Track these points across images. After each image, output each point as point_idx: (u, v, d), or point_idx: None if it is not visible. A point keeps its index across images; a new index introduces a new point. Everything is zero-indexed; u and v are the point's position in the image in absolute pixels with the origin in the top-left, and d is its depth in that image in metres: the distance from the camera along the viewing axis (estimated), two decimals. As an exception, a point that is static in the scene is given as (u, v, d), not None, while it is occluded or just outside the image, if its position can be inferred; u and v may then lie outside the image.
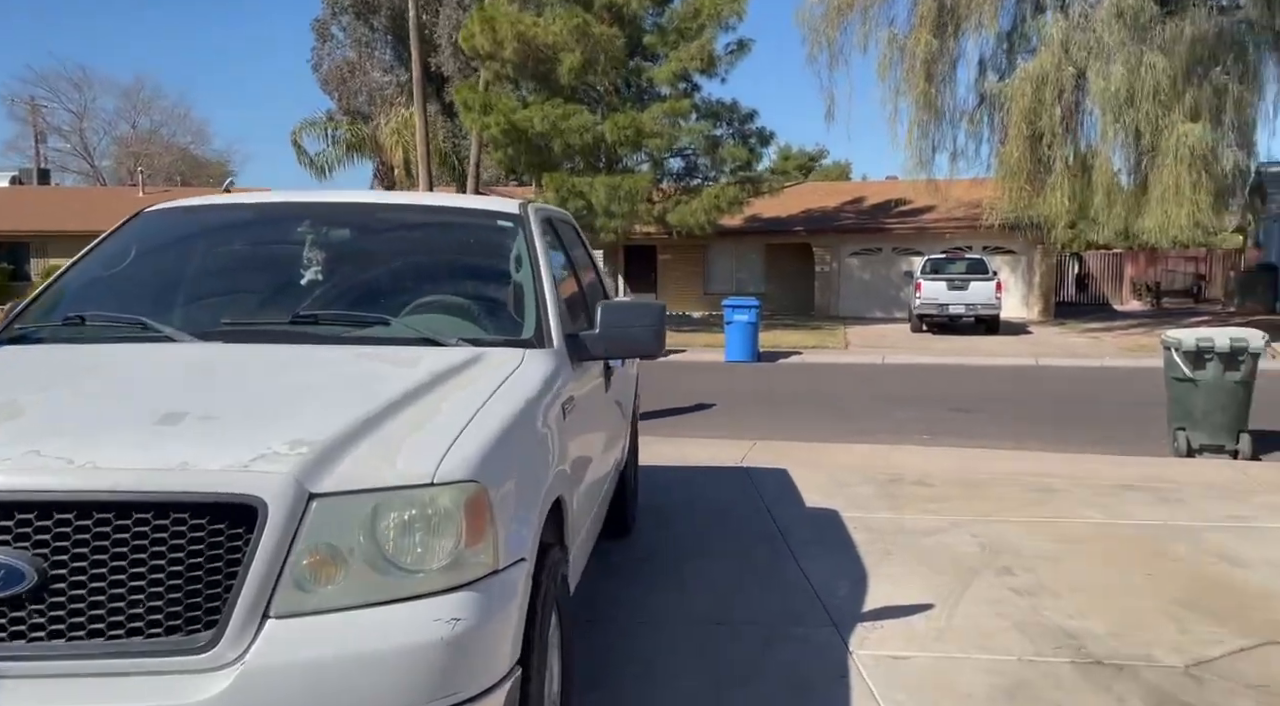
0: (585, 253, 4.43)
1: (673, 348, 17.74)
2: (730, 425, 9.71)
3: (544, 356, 2.73)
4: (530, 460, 2.24)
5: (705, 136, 20.32)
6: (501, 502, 1.97)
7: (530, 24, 18.78)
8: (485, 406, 2.15)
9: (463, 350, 2.58)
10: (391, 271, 3.04)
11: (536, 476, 2.26)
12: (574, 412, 2.82)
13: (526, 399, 2.34)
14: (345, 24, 38.75)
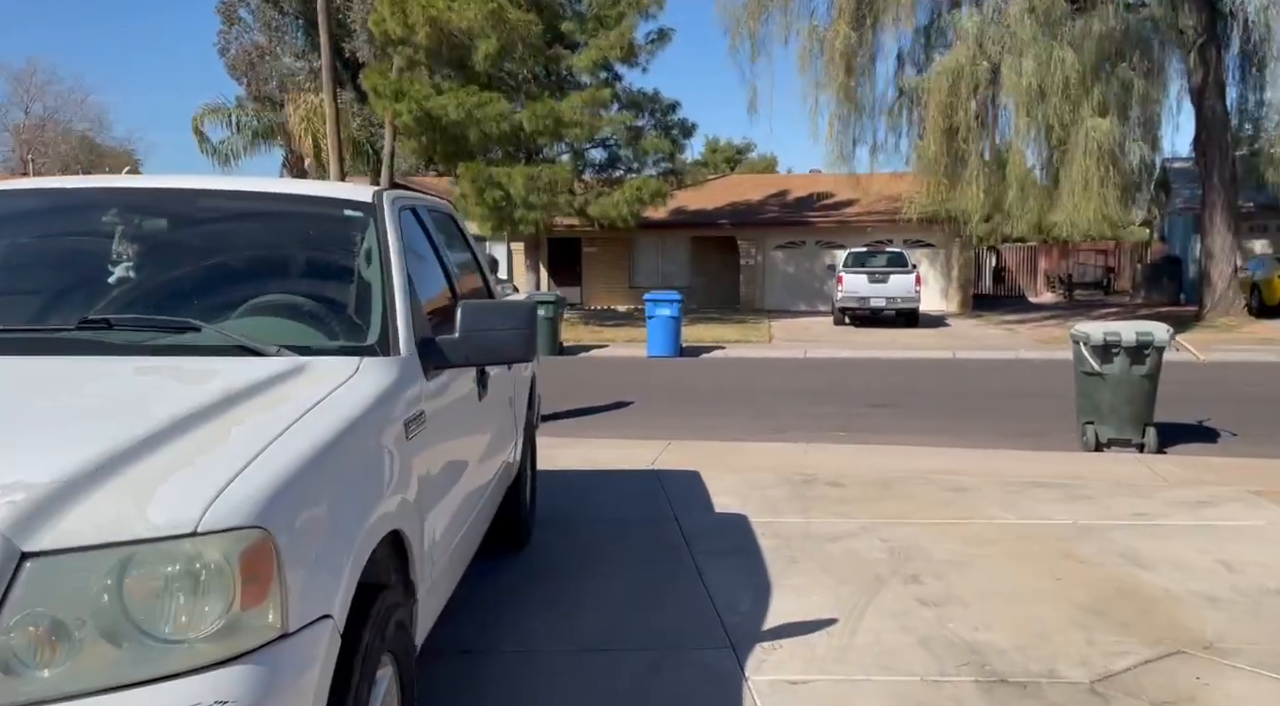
0: (467, 249, 4.09)
1: (594, 343, 17.44)
2: (646, 424, 9.44)
3: (386, 366, 2.39)
4: (347, 492, 1.90)
5: (627, 127, 20.02)
6: (296, 549, 1.63)
7: (443, 8, 18.17)
8: (288, 431, 1.80)
9: (283, 361, 2.23)
10: (212, 268, 2.65)
11: (357, 510, 1.92)
12: (427, 429, 2.48)
13: (349, 418, 2.00)
14: (254, 6, 37.19)
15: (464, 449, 3.07)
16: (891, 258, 21.89)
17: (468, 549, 3.19)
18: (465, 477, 3.09)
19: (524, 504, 4.70)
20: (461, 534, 3.02)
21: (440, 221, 3.80)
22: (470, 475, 3.20)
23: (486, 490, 3.48)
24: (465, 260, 4.00)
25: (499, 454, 3.72)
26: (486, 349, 2.69)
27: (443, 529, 2.69)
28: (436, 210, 3.78)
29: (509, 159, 19.30)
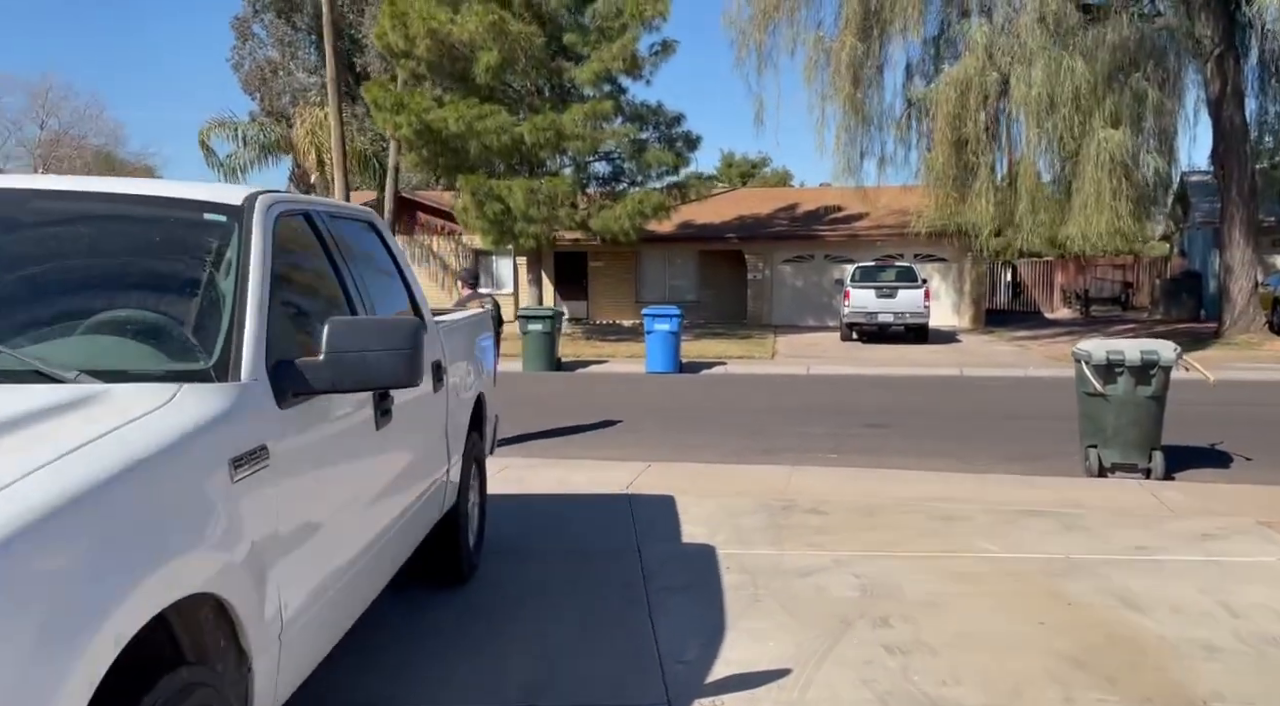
0: (391, 262, 3.75)
1: (594, 358, 17.11)
2: (631, 444, 9.09)
3: (213, 394, 2.06)
4: (107, 554, 1.56)
5: (630, 140, 19.75)
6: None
7: (444, 20, 18.02)
8: (21, 481, 1.47)
9: (72, 390, 1.90)
10: (37, 278, 2.33)
11: (121, 575, 1.58)
12: (276, 467, 2.15)
13: (127, 461, 1.66)
14: (267, 22, 37.57)
15: (348, 485, 2.73)
16: (900, 272, 21.47)
17: (357, 597, 2.84)
18: (352, 518, 2.75)
19: (463, 537, 4.35)
20: (346, 581, 2.67)
21: (355, 231, 3.48)
22: (364, 514, 2.86)
23: (393, 528, 3.14)
24: (387, 274, 3.68)
25: (414, 486, 3.38)
26: (357, 373, 2.36)
27: (309, 581, 2.36)
28: (349, 217, 3.46)
29: (511, 172, 19.07)
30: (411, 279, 3.82)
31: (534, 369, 15.51)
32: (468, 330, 4.67)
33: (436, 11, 18.31)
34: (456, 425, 4.15)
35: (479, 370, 4.82)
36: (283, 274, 2.61)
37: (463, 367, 4.34)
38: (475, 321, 5.02)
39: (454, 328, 4.33)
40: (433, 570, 4.27)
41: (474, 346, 4.75)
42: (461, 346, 4.40)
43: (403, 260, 3.77)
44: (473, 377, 4.60)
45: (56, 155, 42.41)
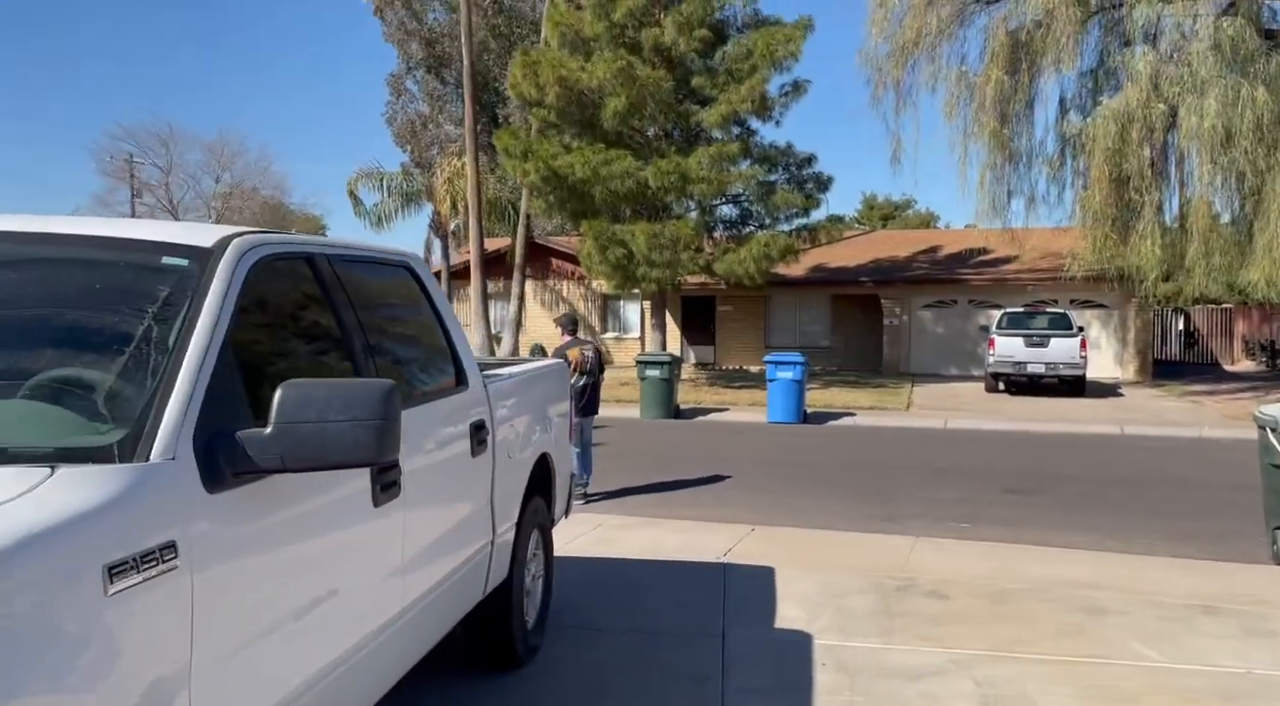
0: (429, 310, 3.37)
1: (714, 406, 16.54)
2: (738, 502, 8.46)
3: (102, 479, 1.68)
4: None
5: (758, 182, 19.26)
6: None
7: (574, 68, 18.18)
8: None
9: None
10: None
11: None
12: (187, 571, 1.74)
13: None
14: (419, 78, 39.45)
15: (326, 577, 2.31)
16: (1053, 319, 19.88)
17: (356, 697, 2.41)
18: (335, 615, 2.33)
19: (516, 617, 3.89)
20: (325, 685, 2.24)
21: (382, 276, 3.13)
22: (353, 608, 2.44)
23: (402, 620, 2.70)
24: (422, 325, 3.30)
25: (437, 567, 2.96)
26: (312, 447, 1.95)
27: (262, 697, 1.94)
28: (375, 261, 3.10)
29: (636, 217, 18.93)
30: (454, 329, 3.43)
31: (651, 416, 15.09)
32: (529, 384, 4.26)
33: (567, 60, 18.53)
34: (508, 491, 3.71)
35: (546, 426, 4.39)
36: (256, 328, 2.24)
37: (519, 426, 3.91)
38: (543, 374, 4.61)
39: (509, 382, 3.92)
40: (482, 654, 3.83)
41: (539, 401, 4.33)
42: (519, 402, 3.98)
43: (445, 308, 3.39)
44: (537, 435, 4.18)
45: (230, 206, 45.85)
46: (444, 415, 3.08)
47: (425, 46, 37.50)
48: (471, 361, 3.48)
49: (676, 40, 18.41)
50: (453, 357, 3.33)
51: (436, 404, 3.02)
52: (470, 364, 3.46)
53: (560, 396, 4.84)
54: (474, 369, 3.46)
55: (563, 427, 4.83)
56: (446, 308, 3.45)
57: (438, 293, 3.44)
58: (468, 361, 3.44)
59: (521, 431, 3.94)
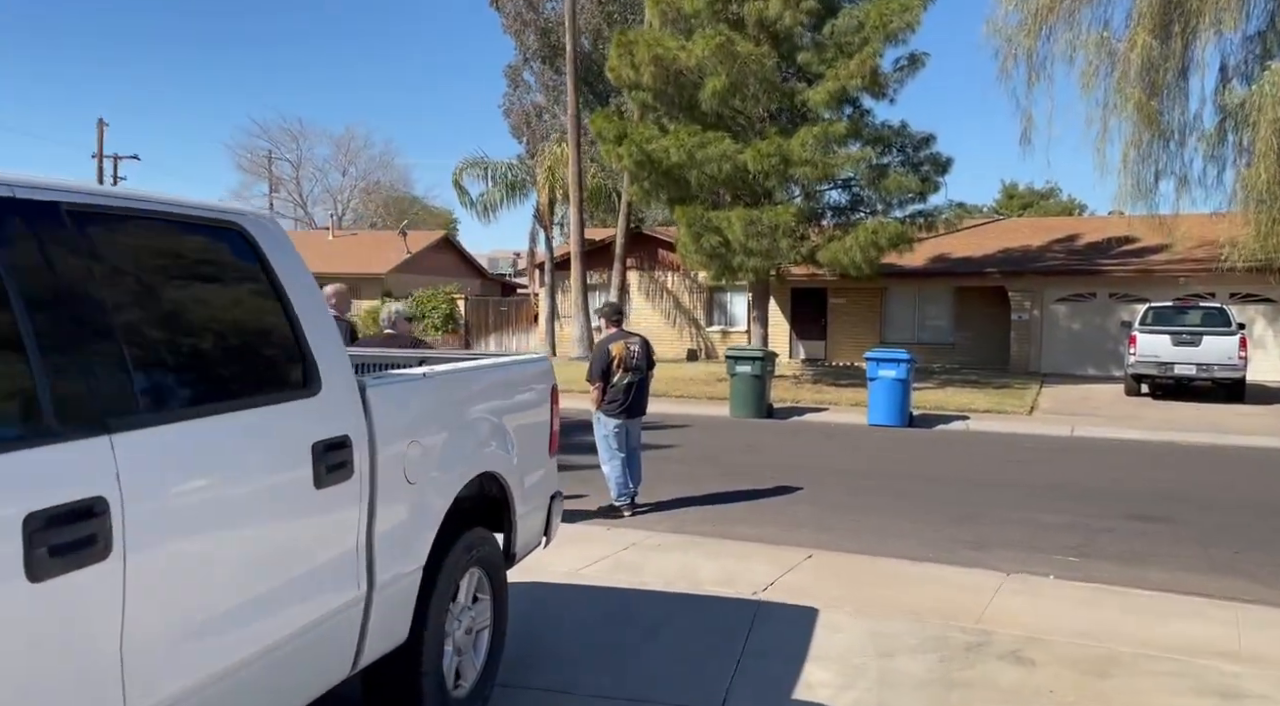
0: (266, 284, 2.57)
1: (812, 406, 15.35)
2: (803, 520, 7.43)
3: None
4: None
5: (868, 164, 17.82)
6: None
7: (670, 46, 17.27)
8: None
9: None
10: None
11: None
12: None
13: None
14: (535, 69, 39.48)
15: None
16: (1207, 314, 17.60)
17: None
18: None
19: (427, 688, 3.09)
20: None
21: (180, 241, 2.35)
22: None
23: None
24: (236, 306, 2.51)
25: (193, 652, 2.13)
26: None
27: None
28: (170, 220, 2.32)
29: (737, 202, 17.88)
30: (309, 315, 2.61)
31: (741, 414, 14.08)
32: (462, 384, 3.43)
33: (664, 39, 17.65)
34: (405, 526, 2.92)
35: (498, 438, 3.56)
36: None
37: (434, 439, 3.10)
38: (499, 371, 3.78)
39: (418, 384, 3.10)
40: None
41: (482, 406, 3.50)
42: (438, 408, 3.16)
43: (297, 288, 2.59)
44: (473, 450, 3.36)
45: (370, 200, 47.30)
46: (250, 430, 2.28)
47: (540, 36, 37.43)
48: (337, 357, 2.67)
49: (782, 14, 17.21)
50: (300, 352, 2.53)
51: (234, 417, 2.23)
52: (333, 360, 2.65)
53: (532, 400, 4.00)
54: (339, 367, 2.66)
55: (534, 437, 3.99)
56: (303, 287, 2.64)
57: (290, 267, 2.62)
58: (327, 357, 2.63)
59: (439, 446, 3.12)
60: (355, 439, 2.63)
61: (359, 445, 2.65)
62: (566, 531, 6.70)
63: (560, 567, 5.71)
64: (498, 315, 27.91)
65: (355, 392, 2.69)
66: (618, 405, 7.24)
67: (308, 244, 33.11)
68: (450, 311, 27.53)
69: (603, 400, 7.25)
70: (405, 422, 2.94)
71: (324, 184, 50.29)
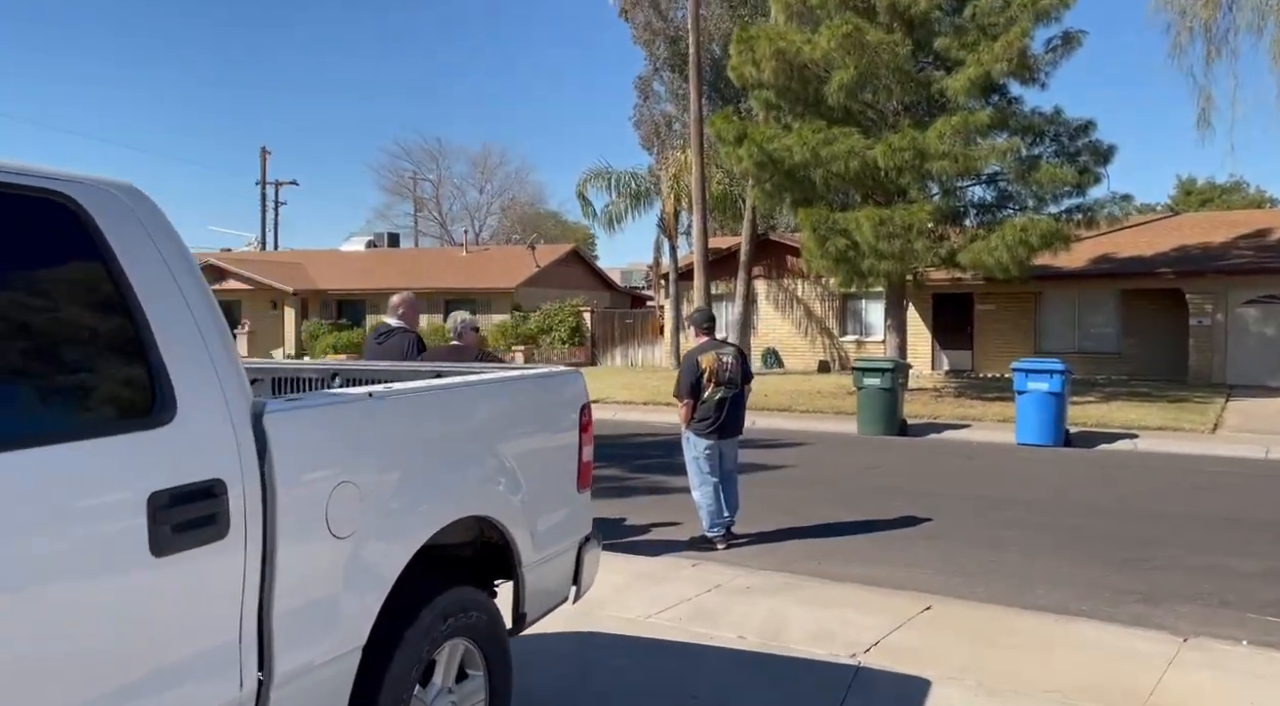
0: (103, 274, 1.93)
1: (952, 421, 13.96)
2: (926, 560, 6.36)
3: None
4: None
5: (1016, 156, 16.19)
6: None
7: (794, 40, 16.29)
8: None
9: None
10: None
11: None
12: None
13: None
14: (665, 79, 39.09)
15: None
16: None
17: None
18: None
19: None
20: None
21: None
22: None
23: None
24: (42, 302, 1.88)
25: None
26: None
27: None
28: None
29: (867, 202, 16.64)
30: (161, 315, 1.95)
31: (870, 431, 12.90)
32: (432, 407, 2.72)
33: (787, 33, 16.69)
34: (333, 597, 2.22)
35: (490, 473, 2.85)
36: None
37: (383, 480, 2.40)
38: (491, 389, 3.05)
39: (365, 405, 2.41)
40: None
41: (460, 430, 2.79)
42: (385, 440, 2.47)
43: (146, 279, 1.94)
44: (446, 490, 2.65)
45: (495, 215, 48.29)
46: (28, 481, 1.63)
47: (669, 44, 37.00)
48: (214, 374, 2.00)
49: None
50: (146, 367, 1.88)
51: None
52: (204, 378, 1.98)
53: (551, 423, 3.27)
54: (213, 386, 1.99)
55: (553, 469, 3.25)
56: (160, 280, 1.98)
57: (143, 255, 1.97)
58: (195, 373, 1.96)
59: (391, 486, 2.43)
60: (235, 483, 1.96)
61: (243, 491, 1.98)
62: (645, 567, 5.94)
63: (628, 612, 4.95)
64: (623, 328, 27.49)
65: (240, 420, 2.01)
66: (709, 423, 6.41)
67: (442, 261, 33.83)
68: (576, 324, 27.31)
69: (692, 417, 6.45)
70: (330, 457, 2.26)
71: (462, 201, 51.64)
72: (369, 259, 34.97)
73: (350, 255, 36.12)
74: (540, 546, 3.13)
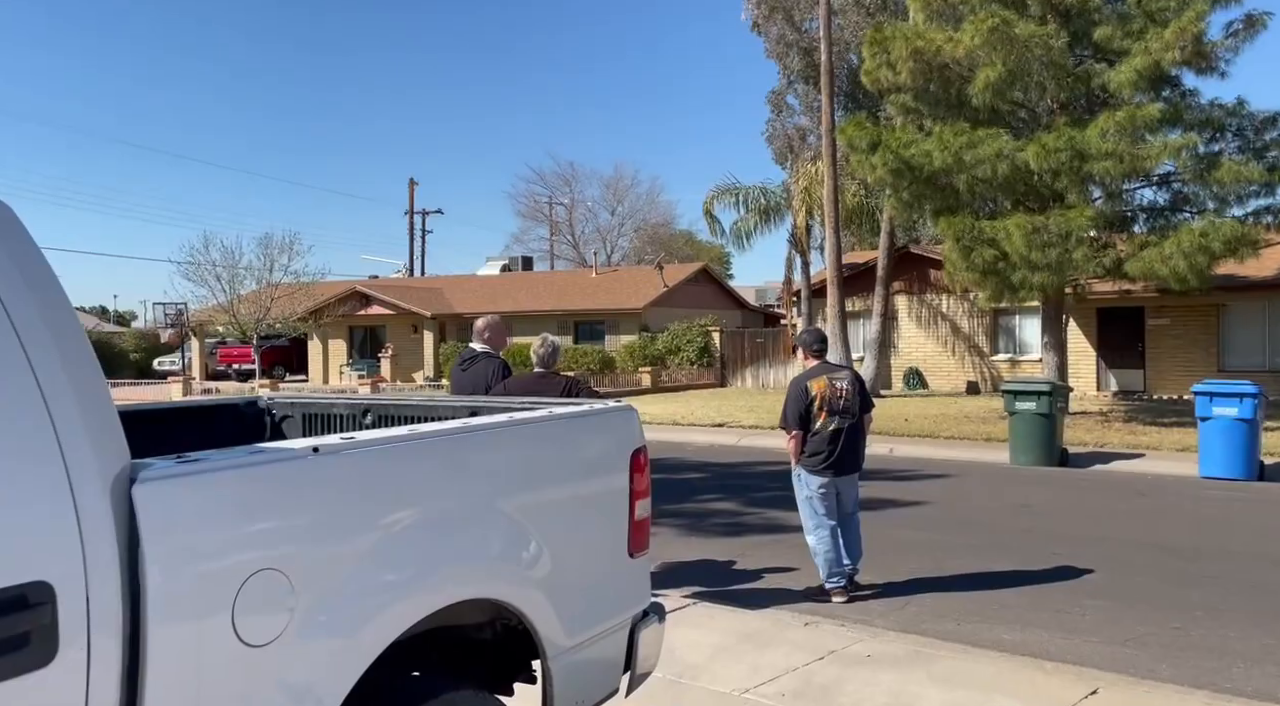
0: None
1: (1121, 450, 12.41)
2: (1088, 624, 5.33)
3: None
4: None
5: (1193, 153, 14.42)
6: None
7: (934, 39, 15.16)
8: None
9: None
10: None
11: None
12: None
13: None
14: (800, 92, 38.10)
15: None
16: None
17: None
18: None
19: None
20: None
21: None
22: None
23: None
24: None
25: None
26: None
27: None
28: None
29: (1016, 209, 15.23)
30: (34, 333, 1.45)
31: (1023, 461, 11.60)
32: (411, 461, 2.14)
33: (925, 32, 15.56)
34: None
35: (520, 544, 2.25)
36: None
37: (333, 561, 1.84)
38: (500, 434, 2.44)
39: (264, 469, 1.84)
40: None
41: (473, 494, 2.20)
42: (331, 510, 1.90)
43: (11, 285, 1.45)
44: (428, 569, 2.07)
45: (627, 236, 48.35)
46: None
47: (803, 56, 35.99)
48: (39, 426, 1.47)
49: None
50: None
51: None
52: (20, 434, 1.45)
53: (587, 473, 2.64)
54: (38, 445, 1.46)
55: (593, 532, 2.62)
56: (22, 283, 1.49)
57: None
58: (9, 429, 1.44)
59: (344, 570, 1.85)
60: (72, 585, 1.42)
61: (87, 595, 1.44)
62: (749, 625, 5.20)
63: (721, 684, 4.24)
64: (754, 347, 26.61)
65: (92, 494, 1.48)
66: (822, 459, 5.62)
67: (571, 283, 33.95)
68: (705, 344, 26.65)
69: (802, 452, 5.67)
70: (242, 537, 1.70)
71: (594, 224, 52.03)
72: (502, 282, 35.54)
73: (485, 279, 36.85)
74: (576, 630, 2.50)
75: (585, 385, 5.73)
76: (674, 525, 8.20)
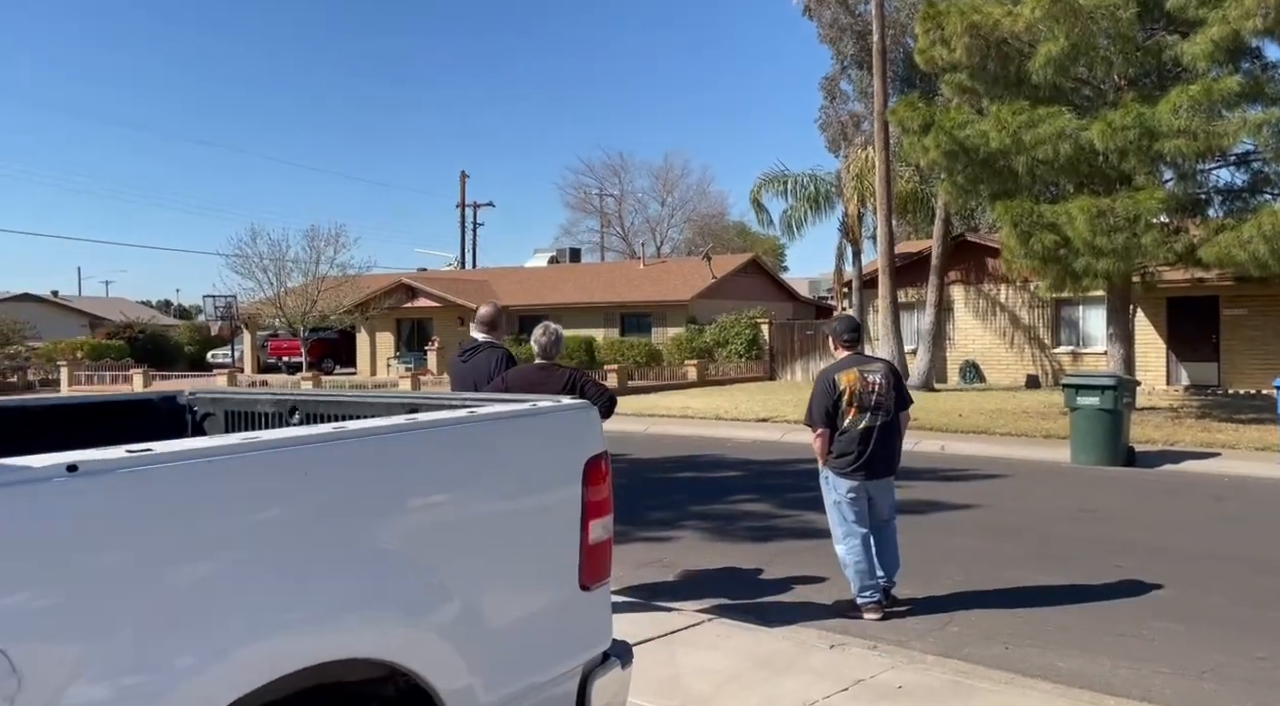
0: None
1: (1194, 449, 11.50)
2: (1161, 649, 4.67)
3: None
4: None
5: (1276, 131, 13.33)
6: None
7: (991, 13, 14.29)
8: None
9: None
10: None
11: None
12: None
13: None
14: (853, 77, 37.03)
15: None
16: None
17: None
18: None
19: None
20: None
21: None
22: None
23: None
24: None
25: None
26: None
27: None
28: None
29: (1080, 192, 14.30)
30: None
31: (1085, 461, 10.79)
32: (211, 475, 1.65)
33: (982, 5, 14.69)
34: None
35: (414, 585, 1.76)
36: None
37: (97, 638, 1.36)
38: (387, 441, 1.95)
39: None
40: None
41: (316, 520, 1.71)
42: (92, 561, 1.42)
43: None
44: (224, 638, 1.59)
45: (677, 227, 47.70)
46: None
47: (857, 40, 34.95)
48: None
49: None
50: None
51: None
52: None
53: (510, 488, 2.14)
54: None
55: (527, 561, 2.12)
56: None
57: None
58: None
59: (104, 643, 1.38)
60: None
61: None
62: (767, 647, 4.64)
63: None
64: (804, 339, 25.83)
65: None
66: (852, 460, 5.03)
67: (619, 274, 33.49)
68: (754, 337, 25.95)
69: (829, 452, 5.10)
70: None
71: (644, 214, 51.40)
72: (549, 274, 35.22)
73: (531, 271, 36.58)
74: (498, 683, 2.00)
75: (590, 378, 5.23)
76: (700, 528, 7.68)
